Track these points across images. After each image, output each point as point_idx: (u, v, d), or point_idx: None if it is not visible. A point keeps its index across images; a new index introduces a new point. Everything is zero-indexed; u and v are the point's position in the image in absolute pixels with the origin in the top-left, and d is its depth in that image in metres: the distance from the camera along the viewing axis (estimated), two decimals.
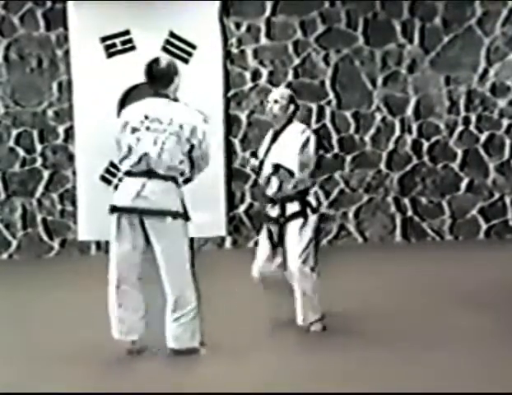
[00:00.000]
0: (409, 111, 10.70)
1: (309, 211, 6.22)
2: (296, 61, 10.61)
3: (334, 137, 10.70)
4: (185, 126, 5.50)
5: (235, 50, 10.49)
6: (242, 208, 10.69)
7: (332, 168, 10.69)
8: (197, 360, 5.41)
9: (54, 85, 10.29)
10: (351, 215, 10.74)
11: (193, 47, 10.41)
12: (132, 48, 10.28)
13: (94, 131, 9.83)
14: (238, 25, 10.53)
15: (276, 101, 6.26)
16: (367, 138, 10.71)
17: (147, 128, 5.42)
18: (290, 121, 6.33)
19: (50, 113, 10.33)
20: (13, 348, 5.78)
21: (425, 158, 10.75)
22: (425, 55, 10.67)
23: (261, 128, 10.58)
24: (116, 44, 10.26)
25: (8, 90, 10.23)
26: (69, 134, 10.26)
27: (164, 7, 10.11)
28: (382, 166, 10.73)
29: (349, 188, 10.75)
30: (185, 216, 5.47)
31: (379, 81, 10.67)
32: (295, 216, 6.20)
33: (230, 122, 10.53)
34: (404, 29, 10.64)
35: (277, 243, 6.25)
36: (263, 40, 10.58)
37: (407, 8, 10.63)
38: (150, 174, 5.42)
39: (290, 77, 10.59)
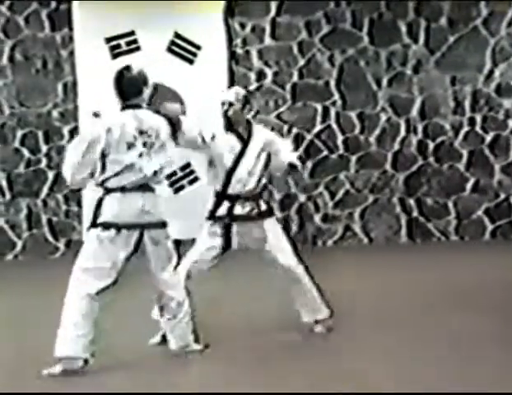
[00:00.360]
0: (414, 111, 10.69)
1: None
2: (301, 61, 10.60)
3: (339, 138, 10.69)
4: (166, 136, 5.43)
5: (239, 50, 10.50)
6: None
7: (337, 168, 10.68)
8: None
9: (59, 86, 10.29)
10: (356, 215, 10.72)
11: (198, 47, 10.41)
12: (137, 48, 10.28)
13: None
14: (243, 26, 10.53)
15: (230, 104, 5.95)
16: (372, 139, 10.69)
17: (144, 144, 5.33)
18: (249, 123, 6.05)
19: (55, 114, 10.33)
20: (19, 350, 5.78)
21: (431, 159, 10.73)
22: (430, 56, 10.65)
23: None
24: (121, 45, 10.26)
25: (13, 91, 10.23)
26: (74, 135, 10.23)
27: (169, 8, 10.10)
28: (387, 167, 10.71)
29: (354, 188, 10.73)
30: None
31: (384, 81, 10.65)
32: (267, 213, 6.05)
33: None
34: (409, 29, 10.62)
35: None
36: (268, 41, 10.57)
37: (412, 8, 10.61)
38: (145, 187, 5.36)
39: (295, 78, 10.58)
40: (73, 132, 10.20)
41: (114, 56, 10.24)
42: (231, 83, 10.41)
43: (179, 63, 10.41)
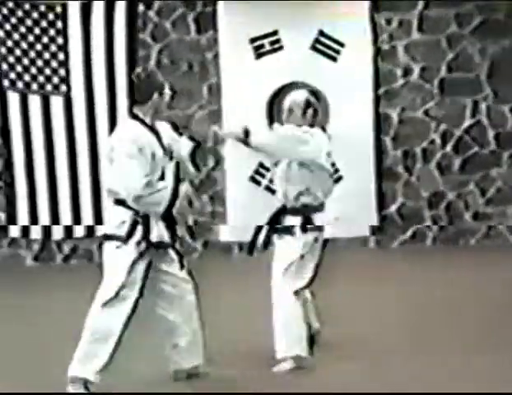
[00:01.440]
0: None
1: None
2: (450, 55, 10.30)
3: (490, 133, 10.33)
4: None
5: (385, 46, 10.32)
6: (393, 208, 10.47)
7: (488, 165, 10.33)
8: None
9: (204, 88, 10.40)
10: (510, 213, 10.33)
11: (342, 45, 10.30)
12: (280, 48, 10.26)
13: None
14: (389, 21, 10.34)
15: (290, 110, 5.64)
16: None
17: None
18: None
19: (200, 115, 10.44)
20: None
21: None
22: None
23: (413, 126, 10.37)
24: (264, 45, 10.27)
25: None
26: (216, 136, 10.33)
27: (313, 6, 10.03)
28: None
29: (507, 185, 10.34)
30: None
31: None
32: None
33: (380, 120, 10.34)
34: None
35: None
36: (415, 35, 10.33)
37: None
38: None
39: (442, 73, 10.30)
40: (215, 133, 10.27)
41: (258, 56, 10.26)
42: (376, 80, 10.25)
43: (323, 61, 10.33)
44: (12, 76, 9.66)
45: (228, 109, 10.31)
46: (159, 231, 5.14)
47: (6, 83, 9.66)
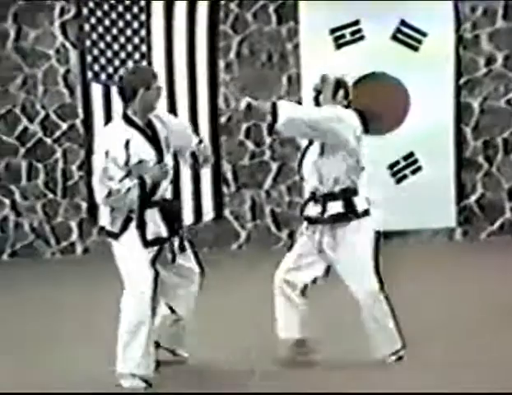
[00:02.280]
0: None
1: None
2: None
3: None
4: None
5: (468, 35, 10.15)
6: (473, 198, 10.30)
7: None
8: None
9: (284, 79, 10.40)
10: None
11: (424, 34, 10.19)
12: (361, 38, 10.21)
13: None
14: (473, 9, 10.17)
15: (318, 91, 5.40)
16: None
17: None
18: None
19: None
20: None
21: None
22: None
23: (495, 115, 10.17)
24: (345, 35, 10.23)
25: (239, 85, 10.44)
26: None
27: None
28: None
29: None
30: None
31: None
32: (343, 217, 5.37)
33: (461, 109, 10.18)
34: None
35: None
36: (500, 23, 10.14)
37: None
38: None
39: None
40: None
41: (338, 46, 10.22)
42: (458, 69, 10.11)
43: (404, 51, 10.24)
44: (96, 68, 9.84)
45: (308, 99, 10.30)
46: (155, 227, 5.15)
47: (89, 75, 9.85)
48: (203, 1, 10.06)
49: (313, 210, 5.41)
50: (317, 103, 5.41)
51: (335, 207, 5.35)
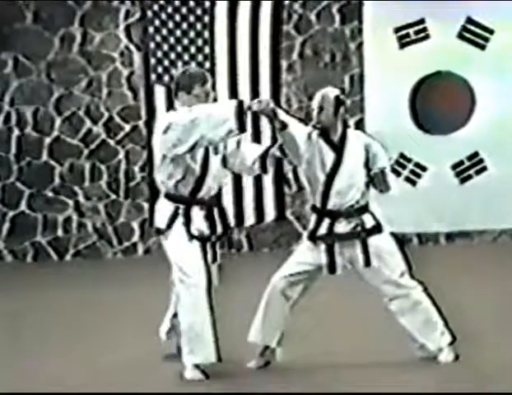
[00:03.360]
0: None
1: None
2: None
3: None
4: None
5: None
6: None
7: None
8: None
9: (346, 79, 10.32)
10: None
11: (491, 32, 10.01)
12: (426, 37, 10.07)
13: (384, 123, 9.76)
14: None
15: (321, 108, 5.21)
16: None
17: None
18: (345, 127, 5.31)
19: None
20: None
21: None
22: None
23: None
24: (409, 34, 10.11)
25: (302, 85, 10.39)
26: (359, 127, 10.22)
27: None
28: None
29: None
30: None
31: None
32: (375, 229, 5.23)
33: None
34: None
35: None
36: None
37: None
38: None
39: None
40: (358, 123, 10.18)
41: (402, 46, 10.11)
42: None
43: (470, 49, 10.08)
44: (160, 70, 9.89)
45: (370, 99, 10.22)
46: (199, 223, 5.15)
47: (153, 77, 9.90)
48: (267, 1, 10.05)
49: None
50: (318, 121, 5.28)
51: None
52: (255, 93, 10.11)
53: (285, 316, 5.27)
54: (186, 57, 9.93)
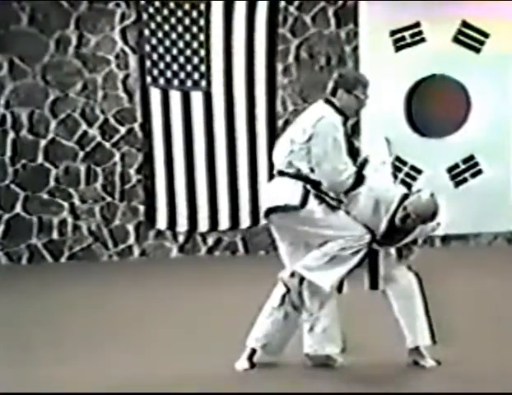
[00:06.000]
0: None
1: None
2: None
3: None
4: None
5: None
6: None
7: None
8: None
9: None
10: None
11: (487, 35, 10.04)
12: (422, 40, 10.10)
13: (380, 125, 9.76)
14: None
15: None
16: None
17: None
18: None
19: None
20: None
21: None
22: None
23: None
24: (405, 37, 10.14)
25: (297, 88, 10.40)
26: (355, 129, 10.23)
27: None
28: None
29: None
30: None
31: None
32: None
33: None
34: None
35: None
36: None
37: None
38: None
39: None
40: (354, 126, 10.17)
41: (398, 49, 10.13)
42: None
43: (465, 53, 10.11)
44: (155, 72, 9.89)
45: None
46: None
47: (148, 79, 9.90)
48: (263, 2, 10.05)
49: None
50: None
51: None
52: (251, 95, 10.12)
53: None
54: (182, 59, 9.93)
